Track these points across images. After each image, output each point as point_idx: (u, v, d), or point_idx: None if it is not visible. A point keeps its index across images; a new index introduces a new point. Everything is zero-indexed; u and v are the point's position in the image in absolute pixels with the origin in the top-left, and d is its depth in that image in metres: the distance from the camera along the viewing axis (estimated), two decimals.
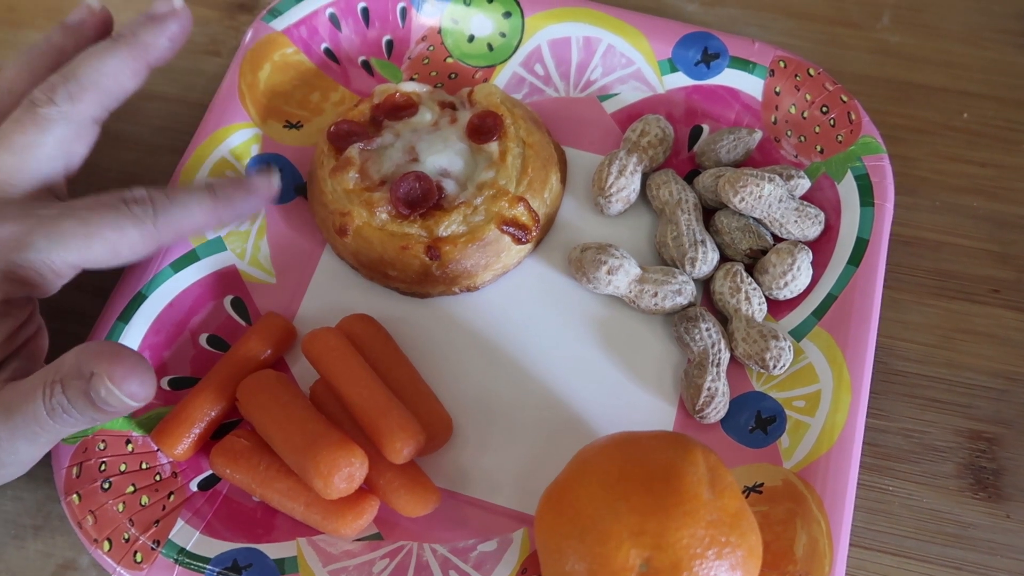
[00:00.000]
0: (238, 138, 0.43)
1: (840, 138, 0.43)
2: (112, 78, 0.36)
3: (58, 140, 0.35)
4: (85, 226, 0.33)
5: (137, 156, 0.46)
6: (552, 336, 0.41)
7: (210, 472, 0.38)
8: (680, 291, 0.40)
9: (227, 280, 0.41)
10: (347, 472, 0.34)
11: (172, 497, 0.36)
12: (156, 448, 0.37)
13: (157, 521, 0.35)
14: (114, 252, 0.34)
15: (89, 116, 0.36)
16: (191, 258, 0.40)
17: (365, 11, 0.47)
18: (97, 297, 0.40)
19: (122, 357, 0.30)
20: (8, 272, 0.32)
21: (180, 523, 0.36)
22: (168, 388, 0.39)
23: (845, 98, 0.43)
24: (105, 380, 0.29)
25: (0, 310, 0.32)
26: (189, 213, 0.35)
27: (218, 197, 0.36)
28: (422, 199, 0.40)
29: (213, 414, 0.37)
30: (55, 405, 0.30)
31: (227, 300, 0.41)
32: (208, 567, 0.35)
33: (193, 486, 0.37)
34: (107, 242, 0.33)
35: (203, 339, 0.40)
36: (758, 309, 0.40)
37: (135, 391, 0.30)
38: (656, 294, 0.40)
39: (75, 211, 0.33)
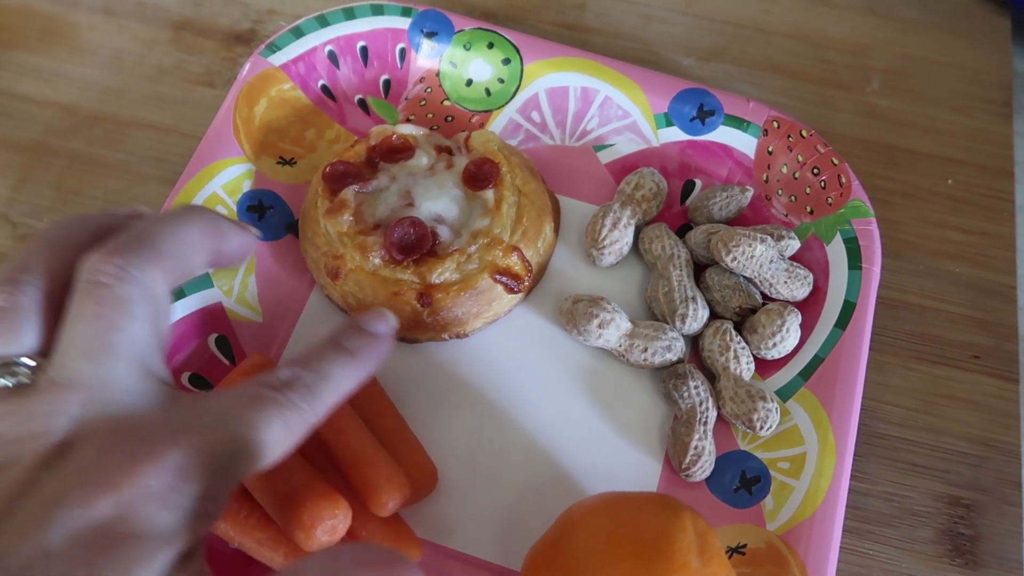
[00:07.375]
0: (230, 173, 0.43)
1: (830, 200, 0.44)
2: (190, 248, 0.29)
3: (144, 319, 0.27)
4: (262, 447, 0.27)
5: (125, 185, 0.46)
6: (540, 386, 0.41)
7: None
8: (670, 347, 0.40)
9: (213, 318, 0.40)
10: (330, 524, 0.33)
11: None
12: None
13: None
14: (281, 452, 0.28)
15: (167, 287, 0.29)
16: (177, 295, 0.40)
17: (364, 50, 0.47)
18: None
19: None
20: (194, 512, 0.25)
21: None
22: None
23: (836, 161, 0.44)
24: None
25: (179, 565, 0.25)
26: (337, 387, 0.29)
27: (357, 358, 0.31)
28: (416, 245, 0.39)
29: None
30: None
31: (212, 338, 0.40)
32: None
33: None
34: (280, 448, 0.27)
35: (185, 378, 0.39)
36: (746, 368, 0.40)
37: None
38: (646, 349, 0.40)
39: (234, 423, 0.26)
